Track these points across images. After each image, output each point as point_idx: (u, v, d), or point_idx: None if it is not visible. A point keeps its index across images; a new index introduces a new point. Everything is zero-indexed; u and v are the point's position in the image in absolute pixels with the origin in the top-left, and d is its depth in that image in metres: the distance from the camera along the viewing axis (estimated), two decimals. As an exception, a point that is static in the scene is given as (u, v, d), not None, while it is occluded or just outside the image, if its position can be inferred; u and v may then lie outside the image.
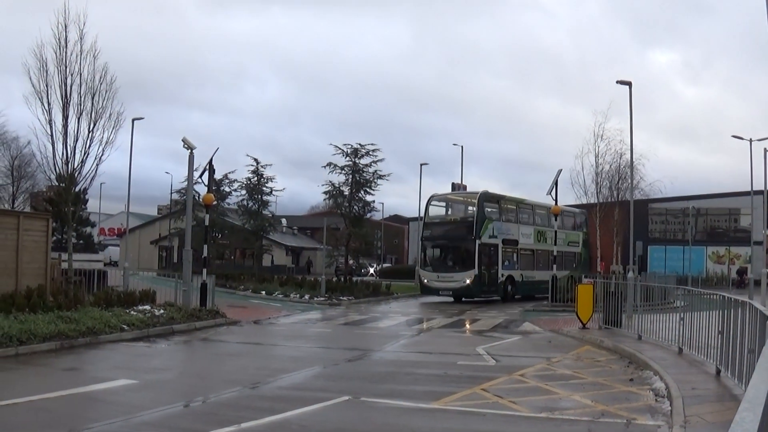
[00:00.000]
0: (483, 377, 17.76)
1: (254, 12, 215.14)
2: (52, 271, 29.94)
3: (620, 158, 64.27)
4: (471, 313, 39.42)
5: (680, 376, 16.43)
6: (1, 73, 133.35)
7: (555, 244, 49.65)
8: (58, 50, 34.08)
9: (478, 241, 47.08)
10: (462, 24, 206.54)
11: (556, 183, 45.77)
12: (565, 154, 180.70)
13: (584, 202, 67.88)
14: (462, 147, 71.71)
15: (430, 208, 52.82)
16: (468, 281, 47.14)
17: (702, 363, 18.35)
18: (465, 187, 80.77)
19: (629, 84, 40.21)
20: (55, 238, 46.10)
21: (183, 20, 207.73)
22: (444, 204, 54.98)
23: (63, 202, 39.54)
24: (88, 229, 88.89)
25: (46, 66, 33.97)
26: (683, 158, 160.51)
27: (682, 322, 20.70)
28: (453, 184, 76.32)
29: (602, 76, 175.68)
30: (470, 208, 51.73)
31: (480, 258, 47.29)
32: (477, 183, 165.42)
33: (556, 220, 49.21)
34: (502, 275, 49.49)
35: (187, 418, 13.66)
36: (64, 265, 36.10)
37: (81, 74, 34.38)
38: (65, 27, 34.10)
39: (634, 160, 46.76)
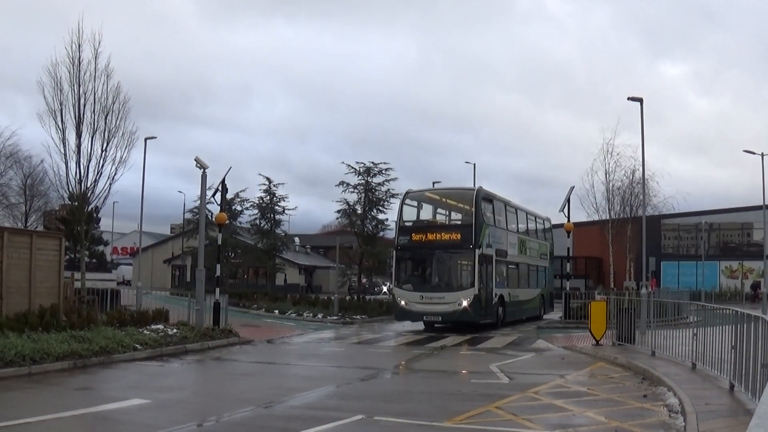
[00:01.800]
0: (496, 395, 17.69)
1: (257, 25, 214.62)
2: (65, 290, 29.97)
3: (632, 174, 63.98)
4: (481, 332, 39.28)
5: (694, 392, 16.35)
6: (14, 91, 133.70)
7: (531, 257, 47.65)
8: (72, 69, 34.48)
9: (478, 251, 37.37)
10: (469, 38, 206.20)
11: (568, 200, 45.63)
12: (576, 169, 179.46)
13: (596, 218, 67.73)
14: (474, 165, 71.49)
15: (406, 208, 41.54)
16: (465, 303, 36.80)
17: (715, 378, 18.28)
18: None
19: (640, 100, 40.08)
20: (68, 257, 46.18)
21: (184, 34, 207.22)
22: (425, 203, 43.47)
23: (76, 221, 39.80)
24: (101, 248, 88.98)
25: (60, 85, 34.39)
26: (695, 172, 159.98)
27: (695, 337, 20.64)
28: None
29: (613, 88, 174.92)
30: (464, 207, 41.71)
31: (480, 273, 37.46)
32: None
33: (569, 236, 46.96)
34: (495, 295, 39.81)
35: (200, 437, 13.66)
36: (77, 284, 36.28)
37: (95, 93, 34.82)
38: (79, 46, 34.51)
39: (646, 176, 46.61)
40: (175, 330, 28.51)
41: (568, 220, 45.83)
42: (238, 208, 73.33)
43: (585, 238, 74.39)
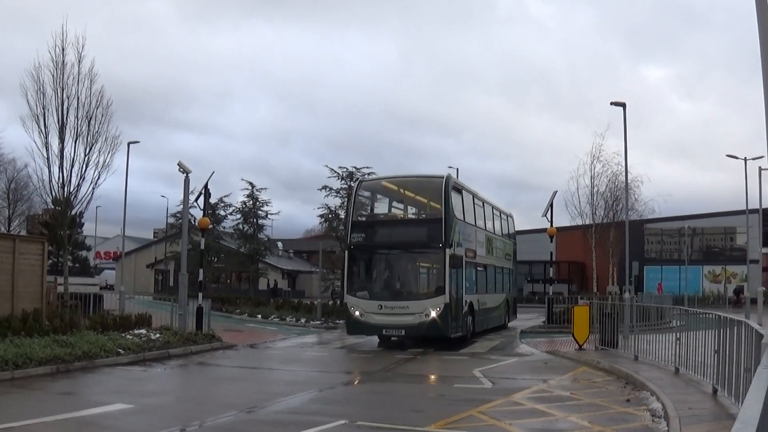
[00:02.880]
0: (479, 399, 17.74)
1: (236, 27, 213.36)
2: (48, 294, 29.98)
3: (616, 179, 64.17)
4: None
5: (677, 396, 16.45)
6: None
7: (497, 257, 42.72)
8: (56, 73, 34.33)
9: (448, 251, 31.34)
10: (450, 40, 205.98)
11: (551, 204, 45.62)
12: (560, 173, 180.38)
13: (579, 223, 67.89)
14: (457, 169, 71.47)
15: (359, 200, 35.51)
16: (434, 313, 30.66)
17: (699, 383, 18.36)
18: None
19: (623, 105, 40.20)
20: (51, 261, 46.15)
21: (162, 36, 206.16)
22: (383, 194, 37.40)
23: (59, 225, 39.69)
24: (84, 253, 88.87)
25: (44, 88, 34.27)
26: (679, 175, 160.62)
27: (678, 342, 20.70)
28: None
29: (596, 92, 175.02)
30: (431, 198, 35.13)
31: (451, 277, 31.47)
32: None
33: (552, 241, 45.95)
34: (466, 302, 33.85)
35: (183, 442, 13.65)
36: (60, 289, 36.19)
37: (78, 98, 34.72)
38: (63, 50, 34.47)
39: (629, 180, 46.72)
40: (158, 335, 28.41)
41: (551, 225, 45.78)
42: (222, 212, 73.32)
43: (568, 242, 74.70)
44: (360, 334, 33.93)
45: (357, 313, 32.03)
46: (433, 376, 23.21)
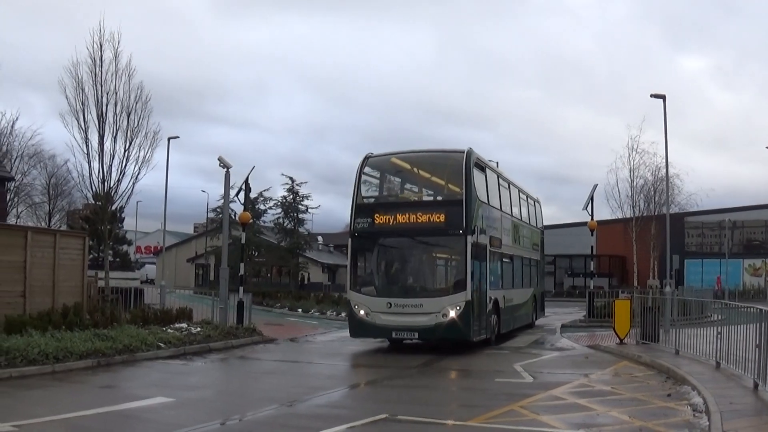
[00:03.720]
0: (520, 394, 17.66)
1: (269, 20, 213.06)
2: (88, 289, 30.06)
3: (657, 172, 63.75)
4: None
5: (718, 391, 16.29)
6: (27, 89, 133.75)
7: (524, 247, 38.63)
8: (94, 69, 34.38)
9: (470, 239, 27.09)
10: (485, 32, 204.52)
11: (592, 198, 45.37)
12: (598, 166, 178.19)
13: (620, 216, 67.51)
14: (497, 163, 71.18)
15: (366, 180, 30.49)
16: (453, 313, 26.49)
17: (740, 377, 18.16)
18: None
19: (663, 97, 39.88)
20: (91, 256, 46.24)
21: (195, 31, 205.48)
22: (393, 173, 32.37)
23: (99, 220, 39.84)
24: (125, 248, 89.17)
25: (82, 85, 34.31)
26: (718, 168, 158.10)
27: (719, 336, 20.49)
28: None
29: (633, 83, 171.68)
30: (449, 177, 30.37)
31: (474, 269, 27.32)
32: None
33: (593, 234, 46.32)
34: (490, 299, 29.50)
35: (223, 436, 13.66)
36: (101, 283, 36.27)
37: (116, 93, 34.73)
38: (101, 46, 34.48)
39: (669, 173, 46.36)
40: (198, 328, 28.53)
41: (592, 218, 45.49)
42: (262, 207, 73.51)
43: (609, 236, 74.12)
44: (365, 336, 29.31)
45: (362, 312, 27.83)
46: (473, 371, 23.08)
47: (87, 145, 34.55)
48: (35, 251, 26.30)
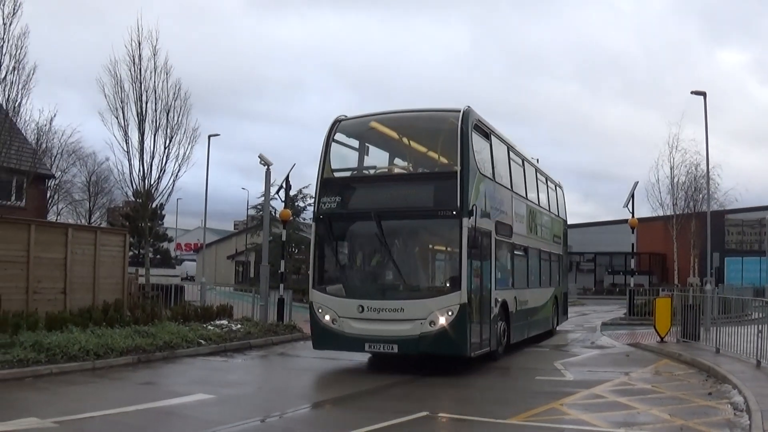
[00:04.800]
0: (561, 392, 17.64)
1: (303, 15, 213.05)
2: (129, 285, 30.29)
3: (696, 169, 63.48)
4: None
5: (759, 390, 16.17)
6: (68, 88, 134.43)
7: (543, 239, 32.04)
8: (133, 67, 34.57)
9: (467, 222, 20.56)
10: (522, 26, 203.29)
11: (632, 195, 45.09)
12: (638, 162, 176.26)
13: (660, 214, 67.19)
14: (537, 160, 70.86)
15: (336, 149, 23.60)
16: (443, 320, 20.27)
17: (782, 376, 18.07)
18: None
19: (704, 94, 39.70)
20: (132, 253, 46.56)
21: (230, 27, 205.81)
22: (369, 140, 24.96)
23: (140, 217, 40.14)
24: (165, 245, 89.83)
25: (122, 83, 34.45)
26: (759, 164, 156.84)
27: (760, 334, 20.39)
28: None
29: (672, 77, 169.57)
30: (440, 144, 23.82)
31: (471, 262, 20.92)
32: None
33: (633, 232, 44.50)
34: (496, 302, 23.19)
35: (263, 433, 13.66)
36: (141, 280, 36.50)
37: (156, 91, 34.84)
38: (139, 44, 34.62)
39: (709, 170, 46.09)
40: (239, 325, 28.54)
41: (632, 216, 45.22)
42: (301, 204, 73.59)
43: (649, 233, 73.66)
44: (331, 348, 22.16)
45: (327, 317, 21.16)
46: (514, 368, 22.96)
47: (127, 143, 34.70)
48: (76, 248, 26.53)
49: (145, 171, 34.90)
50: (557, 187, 37.06)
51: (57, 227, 29.38)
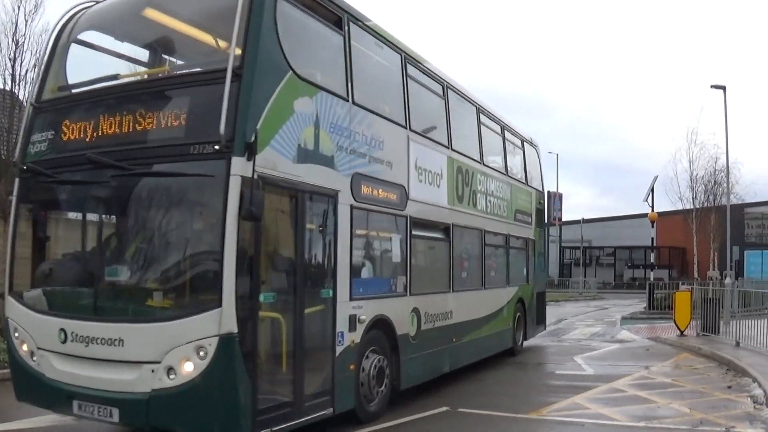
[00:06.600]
0: (581, 386, 17.75)
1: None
2: None
3: (715, 162, 63.45)
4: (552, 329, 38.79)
5: (779, 383, 16.28)
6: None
7: (495, 213, 21.84)
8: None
9: (240, 164, 10.20)
10: (538, 16, 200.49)
11: (652, 189, 45.25)
12: (658, 156, 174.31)
13: (680, 207, 67.19)
14: (557, 155, 70.87)
15: (60, 54, 13.16)
16: (189, 367, 10.19)
17: (801, 369, 18.24)
18: (560, 197, 78.62)
19: (723, 88, 39.77)
20: None
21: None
22: (111, 30, 13.56)
23: None
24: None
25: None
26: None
27: (780, 328, 20.55)
28: (548, 192, 75.43)
29: (693, 70, 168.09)
30: (221, 26, 11.99)
31: (258, 249, 10.61)
32: (569, 189, 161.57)
33: (653, 226, 45.51)
34: (355, 321, 13.23)
35: None
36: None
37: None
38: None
39: (729, 163, 46.18)
40: None
41: (652, 210, 45.34)
42: None
43: (668, 227, 73.57)
44: (34, 402, 12.21)
45: (25, 347, 12.06)
46: (534, 363, 23.07)
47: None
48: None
49: None
50: (526, 145, 26.49)
51: None
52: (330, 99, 12.92)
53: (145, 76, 13.04)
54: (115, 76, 12.77)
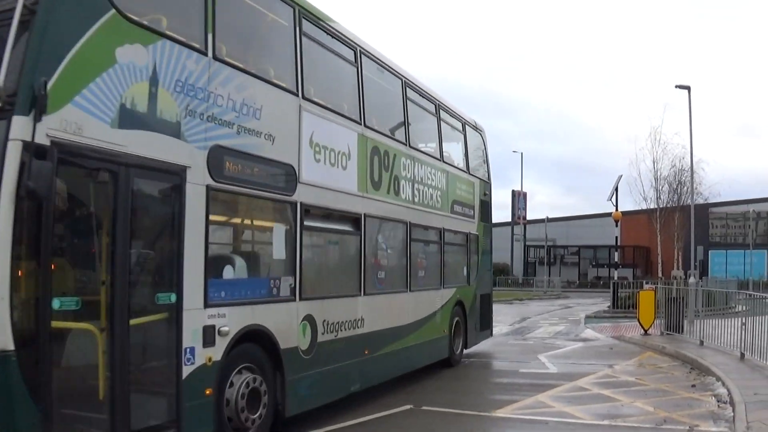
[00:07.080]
0: (545, 385, 17.72)
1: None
2: None
3: (680, 162, 63.69)
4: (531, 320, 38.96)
5: (742, 382, 16.32)
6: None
7: (422, 204, 19.13)
8: None
9: (22, 125, 7.73)
10: (504, 17, 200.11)
11: (616, 188, 45.40)
12: (623, 155, 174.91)
13: (644, 207, 67.47)
14: (522, 154, 71.10)
15: None
16: None
17: (764, 368, 18.25)
18: (525, 195, 78.87)
19: (688, 88, 39.92)
20: None
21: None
22: None
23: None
24: None
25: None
26: (743, 157, 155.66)
27: (743, 327, 20.56)
28: (513, 191, 75.59)
29: (657, 69, 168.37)
30: None
31: (24, 236, 7.81)
32: (534, 188, 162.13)
33: (617, 225, 45.56)
34: (212, 334, 10.44)
35: None
36: None
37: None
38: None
39: (693, 163, 46.40)
40: None
41: (616, 209, 45.48)
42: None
43: (633, 226, 74.06)
44: None
45: None
46: (499, 360, 23.15)
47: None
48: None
49: None
50: (468, 128, 23.93)
51: None
52: (177, 50, 10.13)
53: None
54: None
